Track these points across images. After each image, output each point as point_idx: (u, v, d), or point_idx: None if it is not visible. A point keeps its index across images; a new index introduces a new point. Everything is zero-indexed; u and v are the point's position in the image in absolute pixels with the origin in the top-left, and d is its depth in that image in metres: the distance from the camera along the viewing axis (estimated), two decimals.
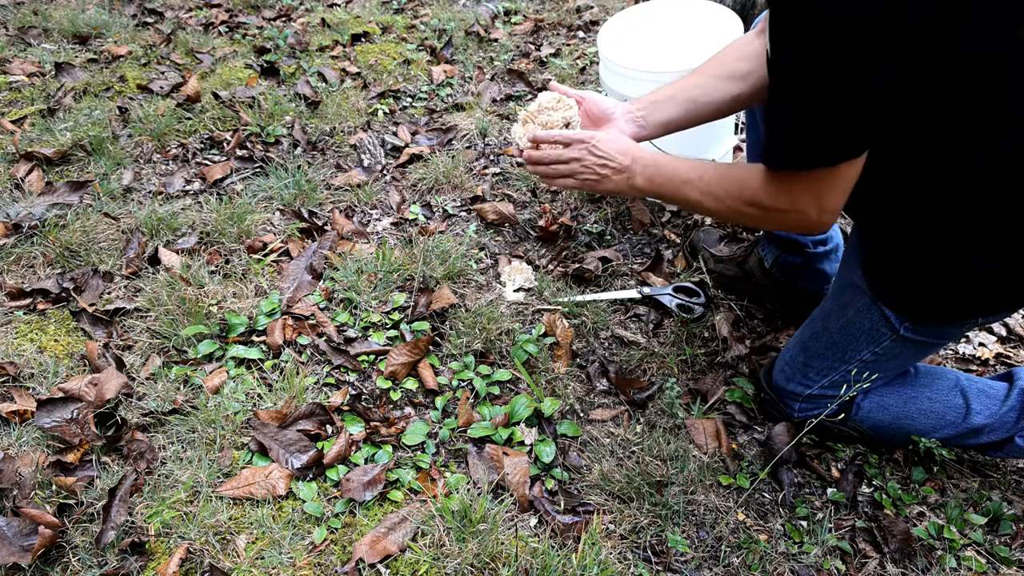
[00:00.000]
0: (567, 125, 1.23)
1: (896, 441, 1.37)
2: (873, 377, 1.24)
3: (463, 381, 1.56)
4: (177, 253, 1.83)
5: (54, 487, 1.32)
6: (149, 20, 3.04)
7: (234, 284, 1.77)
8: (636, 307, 1.73)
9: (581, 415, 1.50)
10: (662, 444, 1.39)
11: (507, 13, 3.09)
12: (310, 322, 1.67)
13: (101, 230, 1.91)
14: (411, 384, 1.55)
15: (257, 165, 2.18)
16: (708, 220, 1.91)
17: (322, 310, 1.70)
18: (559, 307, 1.70)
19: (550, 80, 2.61)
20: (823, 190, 1.00)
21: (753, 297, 1.71)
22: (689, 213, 1.98)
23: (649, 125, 1.28)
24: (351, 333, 1.65)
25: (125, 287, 1.77)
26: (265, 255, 1.85)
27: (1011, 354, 1.57)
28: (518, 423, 1.45)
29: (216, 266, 1.82)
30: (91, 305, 1.71)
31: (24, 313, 1.70)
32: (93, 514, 1.29)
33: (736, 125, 2.00)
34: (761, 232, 1.65)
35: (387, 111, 2.45)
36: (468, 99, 2.51)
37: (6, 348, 1.61)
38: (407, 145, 2.28)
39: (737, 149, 2.14)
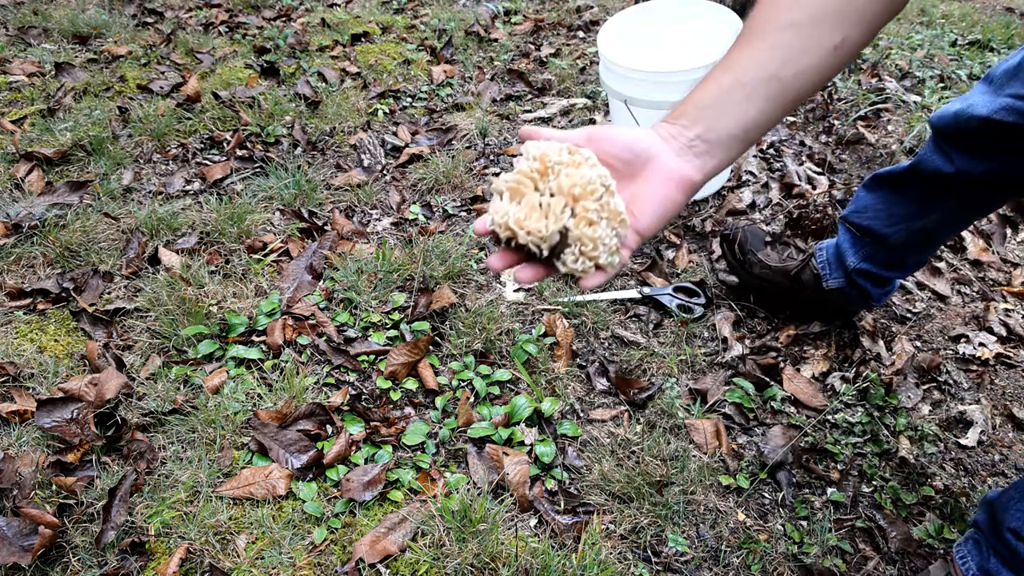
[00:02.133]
0: (605, 189, 0.71)
1: None
2: None
3: (463, 381, 1.56)
4: (177, 253, 1.83)
5: (54, 487, 1.32)
6: (149, 20, 3.04)
7: (234, 284, 1.77)
8: (636, 307, 1.73)
9: (581, 415, 1.50)
10: (662, 444, 1.39)
11: (507, 13, 3.09)
12: (310, 322, 1.67)
13: (101, 230, 1.91)
14: (411, 384, 1.55)
15: (257, 165, 2.18)
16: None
17: (322, 310, 1.70)
18: (559, 307, 1.70)
19: (550, 80, 2.61)
20: None
21: (781, 304, 1.67)
22: (689, 215, 1.98)
23: (715, 144, 0.76)
24: (351, 333, 1.65)
25: (125, 287, 1.77)
26: (265, 255, 1.85)
27: (1011, 354, 1.57)
28: (518, 423, 1.45)
29: (216, 266, 1.82)
30: (91, 305, 1.71)
31: (24, 313, 1.70)
32: (93, 514, 1.29)
33: None
34: (818, 244, 1.58)
35: (387, 111, 2.45)
36: (468, 99, 2.51)
37: (6, 348, 1.61)
38: (407, 145, 2.28)
39: None
